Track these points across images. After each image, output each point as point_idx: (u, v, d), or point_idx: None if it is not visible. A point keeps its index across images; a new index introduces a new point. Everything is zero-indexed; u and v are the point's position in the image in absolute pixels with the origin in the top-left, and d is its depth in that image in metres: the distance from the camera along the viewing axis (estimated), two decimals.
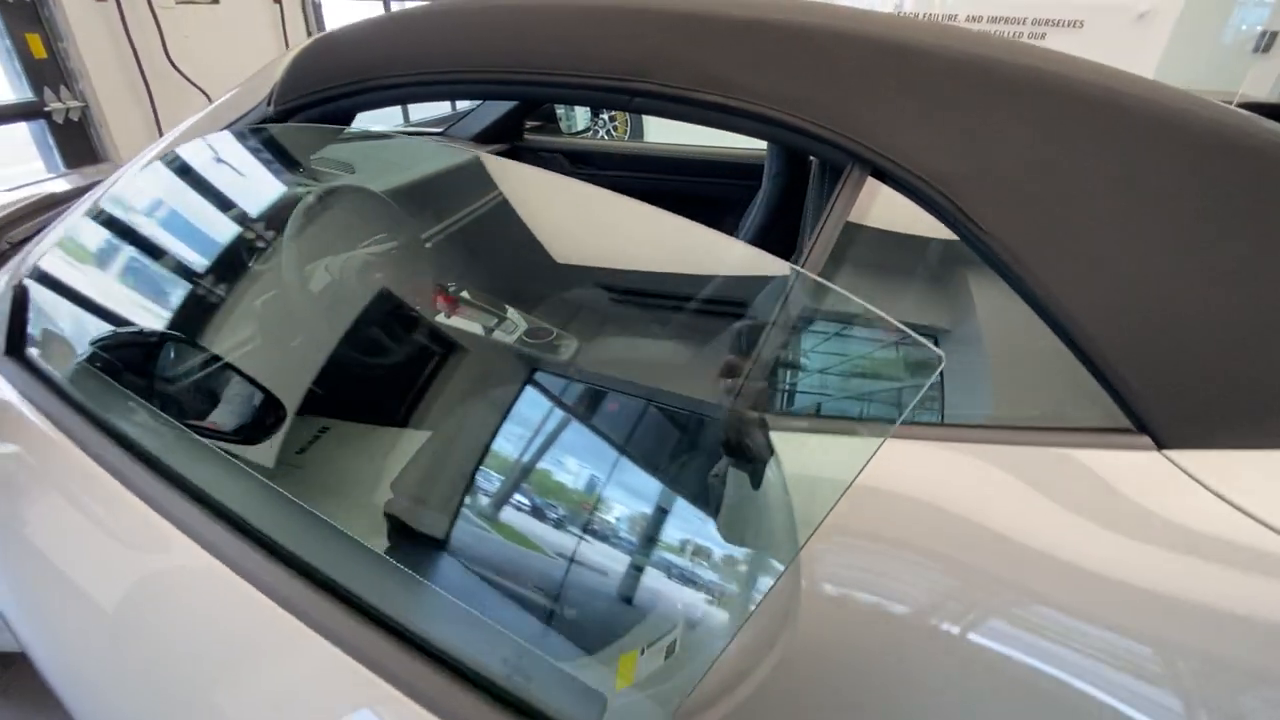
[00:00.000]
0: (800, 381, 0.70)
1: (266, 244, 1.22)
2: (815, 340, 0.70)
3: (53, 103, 2.89)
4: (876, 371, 0.72)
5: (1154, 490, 0.55)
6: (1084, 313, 0.56)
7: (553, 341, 1.55)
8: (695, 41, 0.61)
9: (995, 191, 0.57)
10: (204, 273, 1.09)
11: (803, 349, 0.70)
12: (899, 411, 0.70)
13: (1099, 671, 0.54)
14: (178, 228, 0.90)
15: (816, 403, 0.70)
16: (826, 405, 0.70)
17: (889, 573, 0.60)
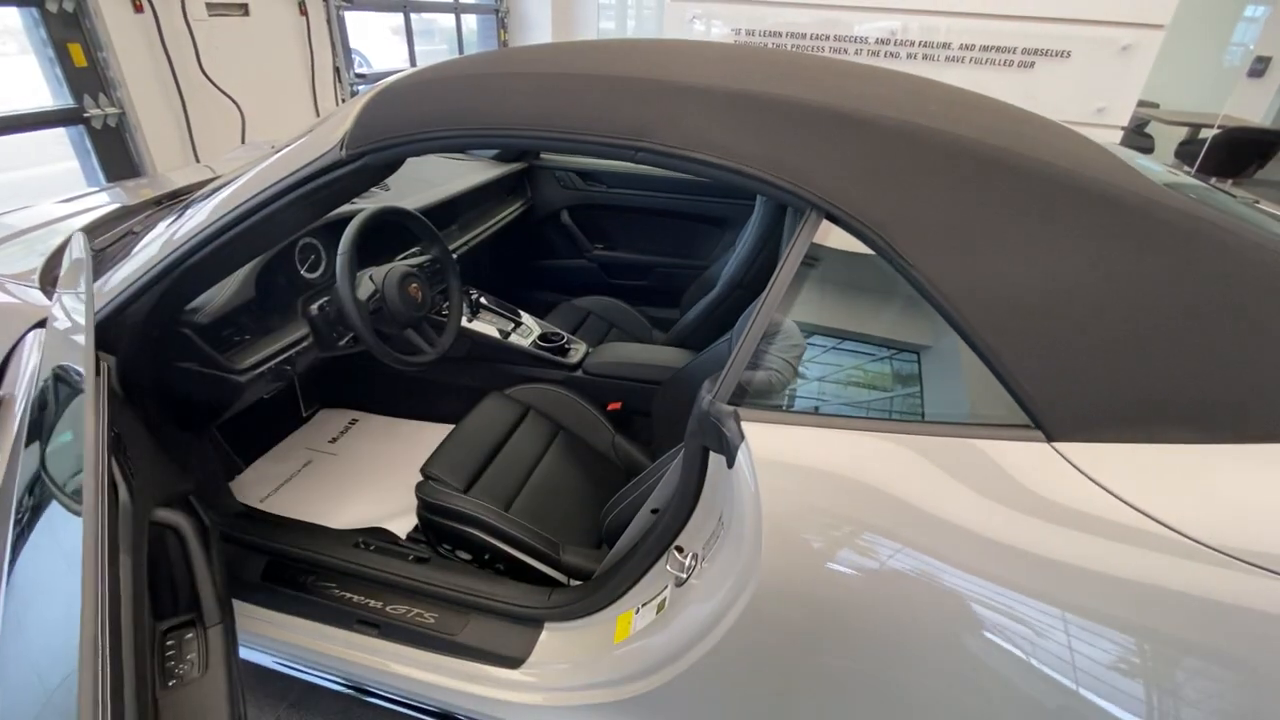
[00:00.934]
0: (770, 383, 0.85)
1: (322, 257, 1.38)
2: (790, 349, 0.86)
3: (91, 109, 3.04)
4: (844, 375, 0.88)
5: (1042, 474, 0.70)
6: (988, 330, 0.71)
7: (563, 345, 1.71)
8: (686, 110, 0.77)
9: (918, 235, 0.72)
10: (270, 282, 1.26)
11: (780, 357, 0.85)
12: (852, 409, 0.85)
13: (994, 620, 0.69)
14: None
15: (784, 400, 0.85)
16: (796, 402, 0.85)
17: (829, 537, 0.74)
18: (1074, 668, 0.67)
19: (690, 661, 0.88)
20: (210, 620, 0.87)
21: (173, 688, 0.79)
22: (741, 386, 0.81)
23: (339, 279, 1.18)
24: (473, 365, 1.73)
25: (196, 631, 0.86)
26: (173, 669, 0.80)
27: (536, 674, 1.08)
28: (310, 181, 0.89)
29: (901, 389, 0.84)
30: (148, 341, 1.06)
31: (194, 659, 0.82)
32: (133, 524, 0.79)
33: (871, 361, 0.88)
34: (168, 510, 0.89)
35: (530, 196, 2.28)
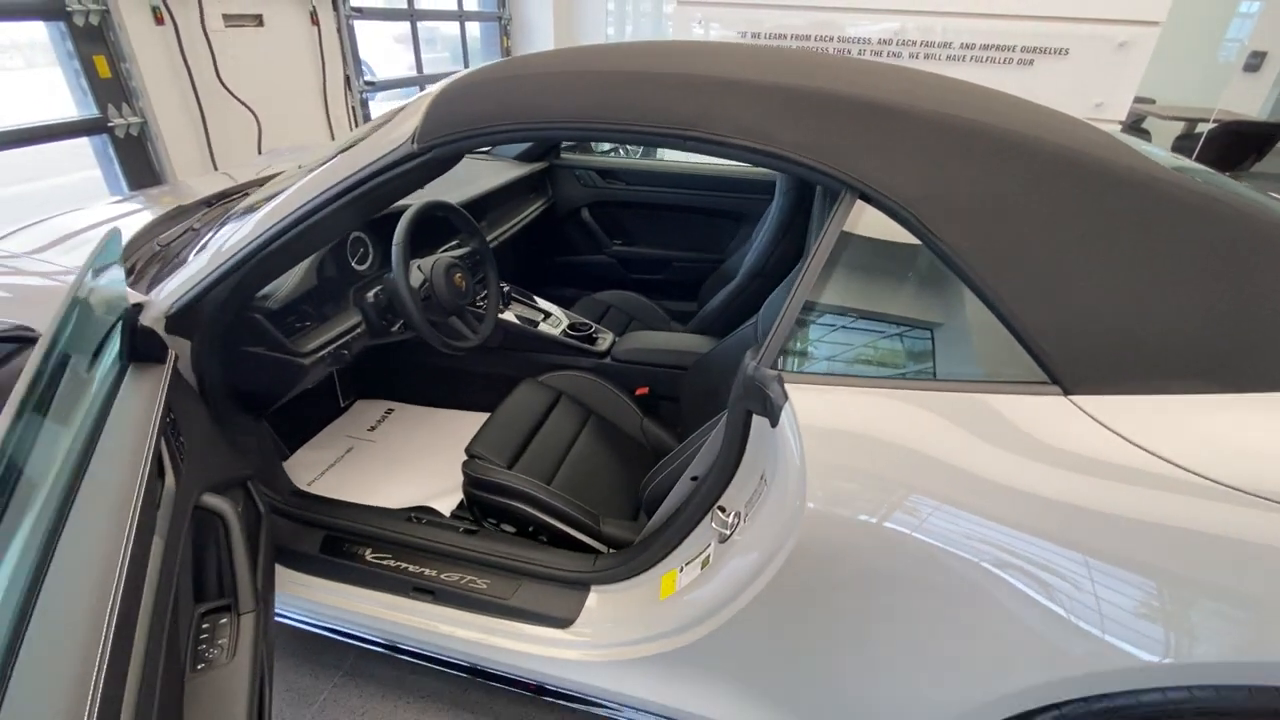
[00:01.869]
0: (812, 351, 0.93)
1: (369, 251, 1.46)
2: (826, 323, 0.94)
3: (115, 119, 3.12)
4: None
5: (1060, 424, 0.77)
6: (1010, 295, 0.79)
7: (591, 334, 1.79)
8: (732, 102, 0.85)
9: (947, 211, 0.80)
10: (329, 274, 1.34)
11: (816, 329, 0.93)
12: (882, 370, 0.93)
13: (1021, 567, 0.76)
14: None
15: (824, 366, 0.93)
16: (832, 367, 0.93)
17: (867, 495, 0.82)
18: (1100, 614, 0.74)
19: (735, 610, 0.96)
20: (244, 608, 0.89)
21: (201, 670, 0.81)
22: (784, 353, 0.89)
23: (395, 267, 1.26)
24: (505, 354, 1.81)
25: (230, 617, 0.88)
26: (203, 652, 0.83)
27: (585, 633, 1.16)
28: (385, 173, 0.97)
29: (926, 355, 0.92)
30: (220, 327, 1.14)
31: (224, 644, 0.84)
32: (174, 507, 0.82)
33: (898, 332, 0.96)
34: (215, 496, 0.93)
35: (551, 195, 2.37)
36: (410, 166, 0.96)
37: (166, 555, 0.76)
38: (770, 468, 0.94)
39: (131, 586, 0.66)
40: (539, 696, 1.23)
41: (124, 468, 0.76)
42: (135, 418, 0.83)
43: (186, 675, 0.80)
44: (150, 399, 0.87)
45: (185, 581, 0.86)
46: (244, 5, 3.51)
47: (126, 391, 0.87)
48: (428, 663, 1.28)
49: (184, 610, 0.84)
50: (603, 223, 2.41)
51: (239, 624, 0.86)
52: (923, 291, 0.96)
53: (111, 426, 0.81)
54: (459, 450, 1.44)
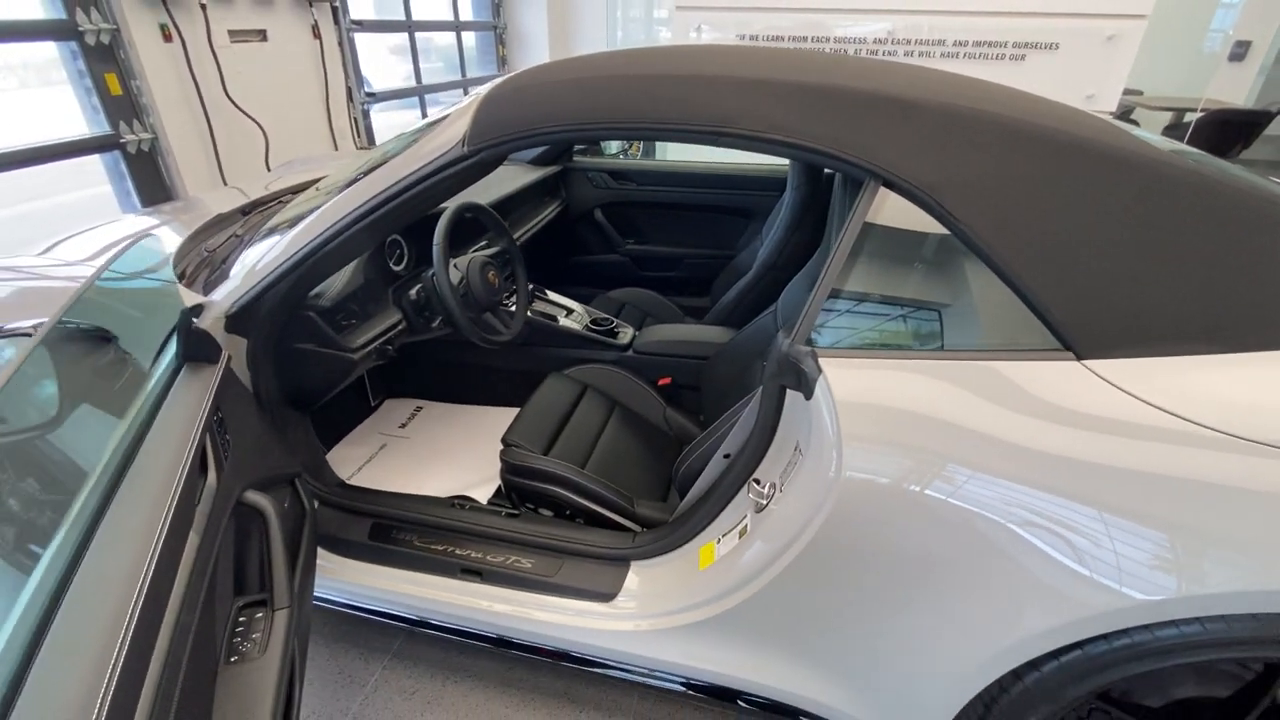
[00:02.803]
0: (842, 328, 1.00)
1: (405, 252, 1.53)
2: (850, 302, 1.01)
3: (127, 135, 3.17)
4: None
5: (1075, 388, 0.85)
6: (1024, 270, 0.86)
7: (613, 328, 1.86)
8: (762, 100, 0.93)
9: (964, 194, 0.88)
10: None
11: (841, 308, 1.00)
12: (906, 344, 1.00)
13: (1042, 522, 0.83)
14: None
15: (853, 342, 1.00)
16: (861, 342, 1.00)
17: (897, 459, 0.89)
18: (1117, 559, 0.80)
19: (773, 575, 1.03)
20: (279, 604, 0.90)
21: (234, 664, 0.83)
22: (815, 331, 0.96)
23: (436, 265, 1.32)
24: (529, 350, 1.88)
25: (265, 612, 0.90)
26: (237, 645, 0.85)
27: (628, 605, 1.22)
28: (436, 175, 1.04)
29: (945, 330, 0.99)
30: (276, 325, 1.20)
31: (258, 638, 0.86)
32: (214, 502, 0.85)
33: (919, 310, 1.03)
34: (257, 493, 0.96)
35: (565, 197, 2.44)
36: (460, 169, 1.03)
37: (202, 549, 0.78)
38: (804, 439, 1.01)
39: (161, 577, 0.68)
40: (584, 668, 1.29)
41: (167, 463, 0.78)
42: (183, 415, 0.86)
43: (220, 666, 0.82)
44: (199, 397, 0.90)
45: (225, 575, 0.89)
46: (248, 20, 3.57)
47: (179, 389, 0.91)
48: (475, 640, 1.34)
49: (222, 602, 0.87)
50: (615, 223, 2.49)
51: (273, 620, 0.88)
52: (941, 272, 1.03)
53: (161, 423, 0.85)
54: (489, 443, 1.51)
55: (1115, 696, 1.00)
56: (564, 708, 1.37)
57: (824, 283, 0.95)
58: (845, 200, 1.20)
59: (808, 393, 0.94)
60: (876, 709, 1.07)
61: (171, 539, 0.72)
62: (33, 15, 2.73)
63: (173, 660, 0.66)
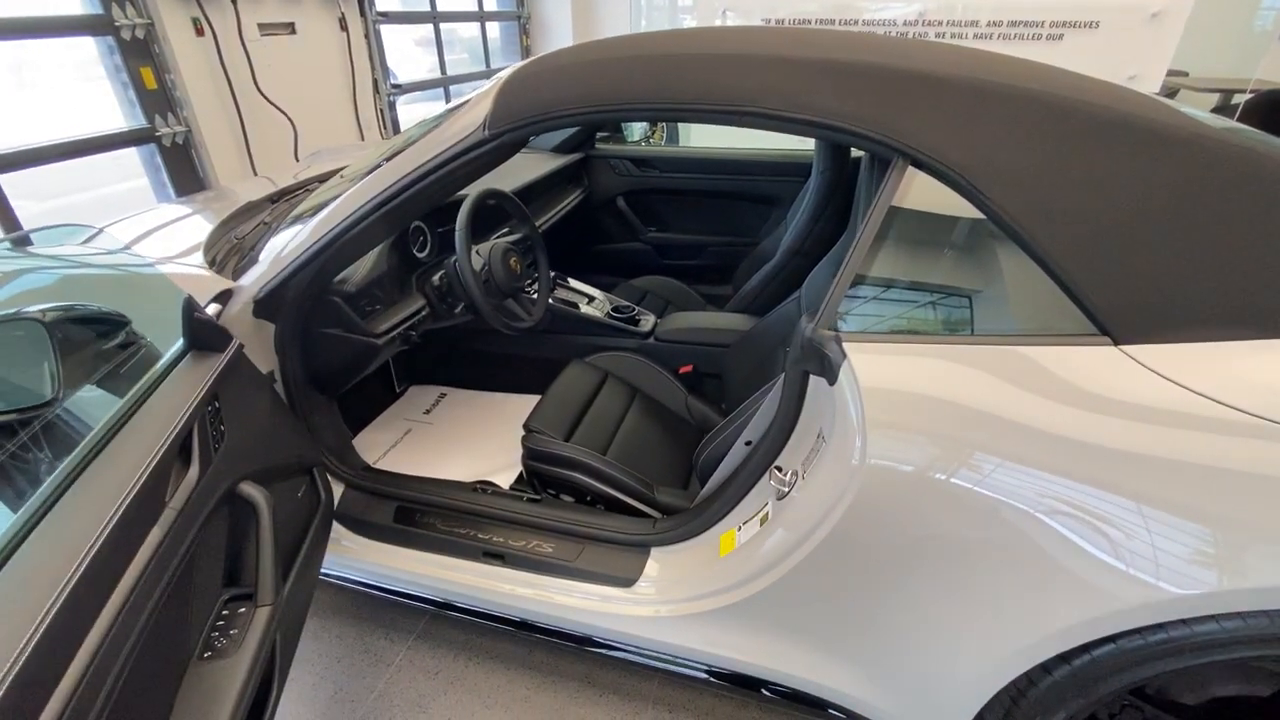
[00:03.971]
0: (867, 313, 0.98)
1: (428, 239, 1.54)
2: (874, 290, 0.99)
3: (162, 128, 3.24)
4: None
5: (1111, 373, 0.82)
6: (1059, 252, 0.83)
7: (634, 316, 1.85)
8: (787, 77, 0.91)
9: (996, 173, 0.85)
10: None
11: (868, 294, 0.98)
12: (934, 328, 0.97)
13: (1076, 513, 0.81)
14: None
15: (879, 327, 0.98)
16: (887, 327, 0.98)
17: (923, 447, 0.87)
18: (1156, 563, 0.77)
19: (794, 563, 1.02)
20: (262, 600, 0.88)
21: (207, 660, 0.80)
22: (839, 316, 0.94)
23: (459, 251, 1.33)
24: (551, 338, 1.88)
25: (249, 607, 0.88)
26: (215, 640, 0.82)
27: (648, 591, 1.22)
28: (458, 159, 1.04)
29: (975, 315, 0.97)
30: (302, 310, 1.22)
31: (236, 635, 0.84)
32: (194, 493, 0.81)
33: (947, 294, 1.00)
34: (253, 485, 0.93)
35: (587, 185, 2.43)
36: (482, 152, 1.03)
37: (171, 539, 0.75)
38: (828, 425, 0.99)
39: (103, 566, 0.65)
40: (604, 652, 1.30)
41: (137, 454, 0.76)
42: (169, 405, 0.84)
43: (193, 661, 0.79)
44: (193, 388, 0.87)
45: (212, 566, 0.88)
46: (277, 14, 3.62)
47: (174, 379, 0.89)
48: (497, 623, 1.36)
49: (203, 596, 0.85)
50: (638, 210, 2.47)
51: (254, 616, 0.86)
52: (971, 256, 1.01)
53: (145, 412, 0.82)
54: (511, 429, 1.52)
55: (1149, 692, 0.98)
56: (584, 691, 1.38)
57: (849, 267, 0.93)
58: (872, 182, 1.18)
59: (831, 378, 0.93)
60: (900, 701, 1.06)
61: (126, 529, 0.69)
62: (71, 11, 2.80)
63: (110, 652, 0.63)
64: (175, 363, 0.90)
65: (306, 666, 1.43)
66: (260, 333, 1.23)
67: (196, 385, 0.86)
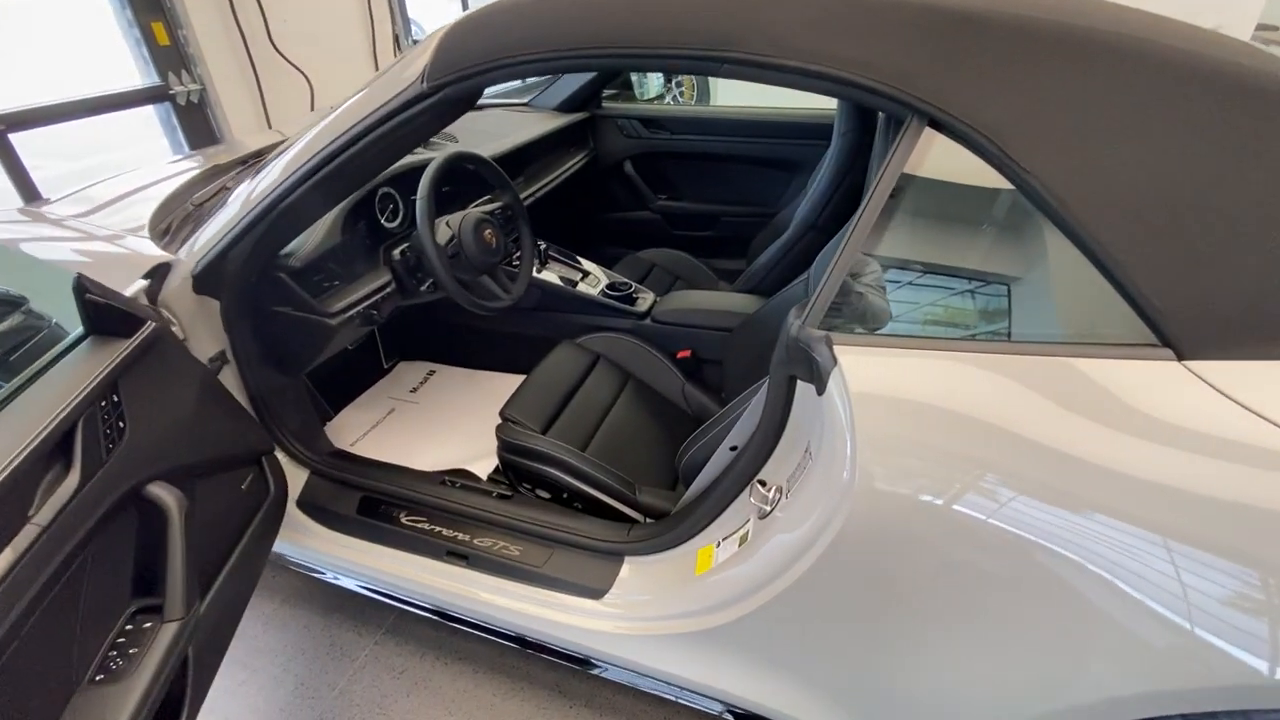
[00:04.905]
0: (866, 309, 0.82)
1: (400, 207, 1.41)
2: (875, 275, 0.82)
3: (176, 86, 3.17)
4: None
5: (1173, 395, 0.64)
6: (1114, 241, 0.65)
7: (631, 294, 1.70)
8: (775, 14, 0.73)
9: (1034, 137, 0.66)
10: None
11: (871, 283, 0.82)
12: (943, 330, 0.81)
13: (1119, 562, 0.65)
14: None
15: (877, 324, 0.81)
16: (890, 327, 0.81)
17: (928, 473, 0.72)
18: (1222, 620, 0.62)
19: (774, 593, 0.88)
20: (169, 614, 0.79)
21: (98, 684, 0.72)
22: (833, 311, 0.78)
23: (419, 223, 1.20)
24: (543, 316, 1.75)
25: (155, 622, 0.79)
26: (112, 660, 0.75)
27: (618, 605, 1.11)
28: (395, 116, 0.90)
29: (1002, 313, 0.79)
30: (246, 286, 1.11)
31: (136, 654, 0.76)
32: (75, 499, 0.72)
33: (968, 287, 0.83)
34: (164, 486, 0.83)
35: (593, 147, 2.26)
36: (422, 108, 0.89)
37: (31, 561, 0.65)
38: (816, 440, 0.84)
39: None
40: (576, 667, 1.20)
41: None
42: (49, 400, 0.73)
43: (82, 685, 0.71)
44: (83, 378, 0.76)
45: (113, 577, 0.79)
46: None
47: (63, 369, 0.78)
48: (464, 626, 1.27)
49: (102, 611, 0.76)
50: (647, 176, 2.29)
51: (158, 633, 0.77)
52: (998, 239, 0.82)
53: (14, 410, 0.72)
54: (498, 413, 1.41)
55: None
56: (553, 701, 1.29)
57: (845, 251, 0.76)
58: (885, 147, 0.99)
59: (819, 387, 0.77)
60: None
61: None
62: None
63: (51, 688, 0.58)
64: (67, 351, 0.81)
65: (270, 657, 1.38)
66: (206, 310, 1.14)
67: (87, 376, 0.76)
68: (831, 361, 0.75)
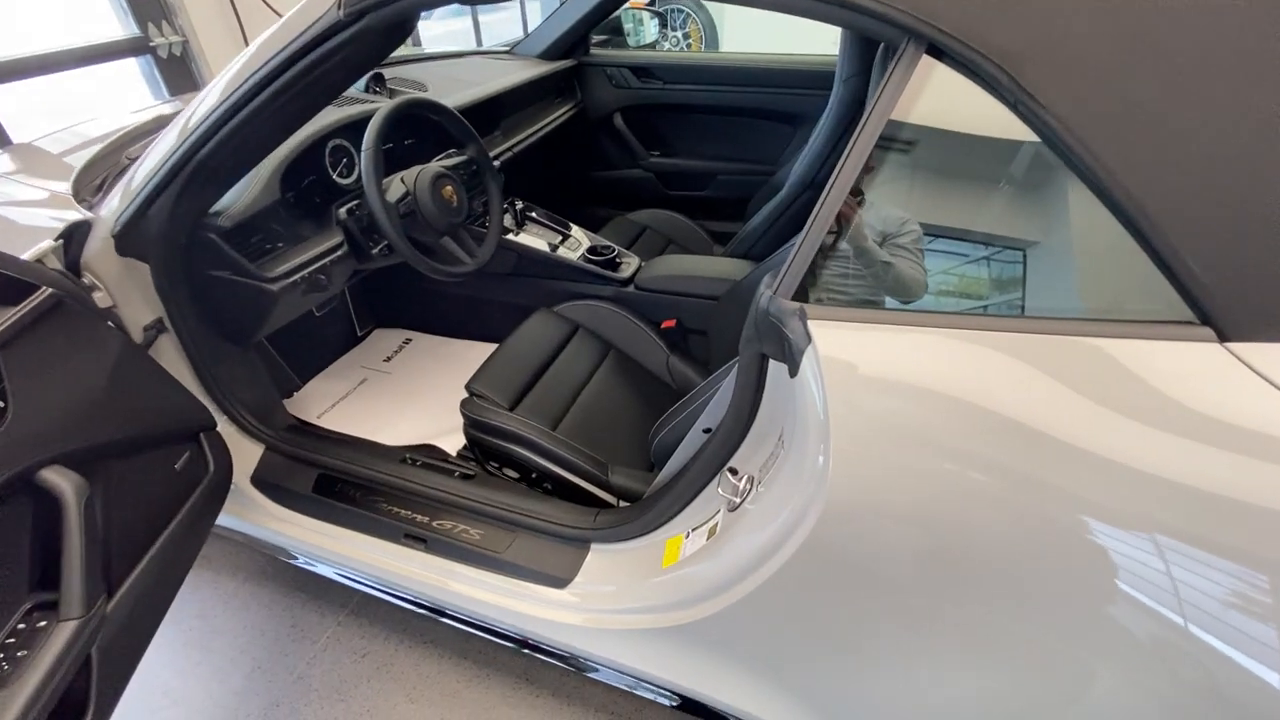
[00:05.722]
0: (847, 277, 0.70)
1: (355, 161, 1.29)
2: None
3: (156, 38, 3.02)
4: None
5: (1213, 382, 0.53)
6: (1151, 198, 0.53)
7: (614, 259, 1.58)
8: None
9: (1056, 64, 0.54)
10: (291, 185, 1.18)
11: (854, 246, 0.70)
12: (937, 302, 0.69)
13: (1149, 577, 0.55)
14: None
15: (862, 296, 0.70)
16: (874, 298, 0.70)
17: (906, 461, 0.61)
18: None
19: (742, 593, 0.79)
20: (67, 612, 0.72)
21: None
22: (809, 279, 0.66)
23: (364, 178, 1.09)
24: (520, 281, 1.64)
25: (51, 620, 0.72)
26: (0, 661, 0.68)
27: (581, 595, 1.03)
28: (308, 53, 0.78)
29: (1011, 283, 0.67)
30: (174, 248, 1.01)
31: (25, 656, 0.69)
32: None
33: (969, 252, 0.70)
34: (60, 471, 0.74)
35: (580, 98, 2.09)
36: (341, 41, 0.77)
37: None
38: (789, 427, 0.74)
39: None
40: (542, 658, 1.13)
41: None
42: None
43: None
44: None
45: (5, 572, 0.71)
46: None
47: None
48: (424, 610, 1.20)
49: None
50: (638, 130, 2.13)
51: (53, 633, 0.70)
52: (1008, 195, 0.70)
53: None
54: None
55: None
56: (519, 690, 1.23)
57: (824, 209, 0.64)
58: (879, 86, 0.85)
59: (792, 368, 0.67)
60: None
61: None
62: None
63: None
64: None
65: (229, 638, 1.33)
66: (136, 274, 1.04)
67: None
68: (805, 339, 0.64)
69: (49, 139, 1.48)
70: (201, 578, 1.45)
